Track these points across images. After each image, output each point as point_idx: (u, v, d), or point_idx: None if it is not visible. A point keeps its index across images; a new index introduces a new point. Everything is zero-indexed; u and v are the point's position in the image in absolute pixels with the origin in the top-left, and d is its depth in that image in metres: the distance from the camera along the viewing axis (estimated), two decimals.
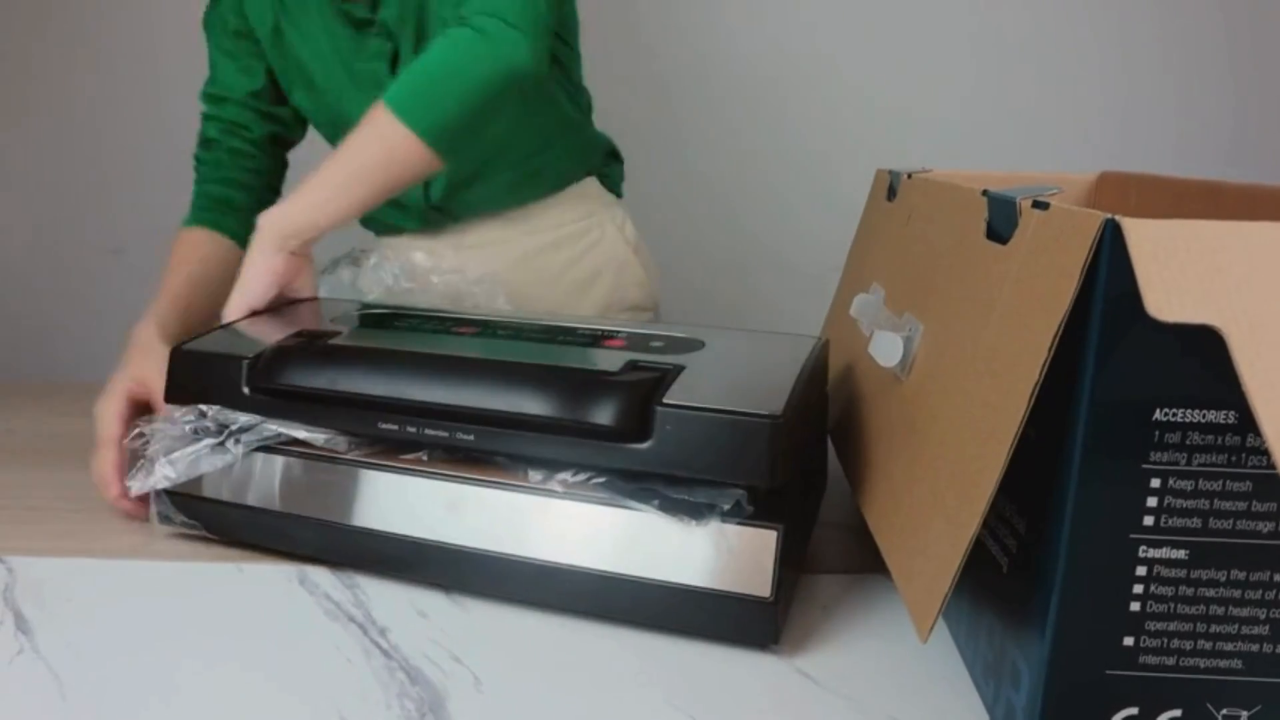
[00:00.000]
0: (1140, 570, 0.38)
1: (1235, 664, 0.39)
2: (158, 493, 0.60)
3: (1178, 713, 0.39)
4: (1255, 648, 0.39)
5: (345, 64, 0.89)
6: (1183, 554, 0.37)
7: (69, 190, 1.45)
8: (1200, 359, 0.35)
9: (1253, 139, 1.45)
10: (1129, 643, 0.38)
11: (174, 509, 0.61)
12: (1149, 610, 0.38)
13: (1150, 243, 0.31)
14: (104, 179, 1.44)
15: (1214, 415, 0.36)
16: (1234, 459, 0.36)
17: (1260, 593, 0.38)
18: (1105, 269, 0.34)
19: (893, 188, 0.70)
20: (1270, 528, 0.37)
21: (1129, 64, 1.43)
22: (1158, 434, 0.36)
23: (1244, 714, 0.39)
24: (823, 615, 0.54)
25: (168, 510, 0.61)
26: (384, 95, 0.74)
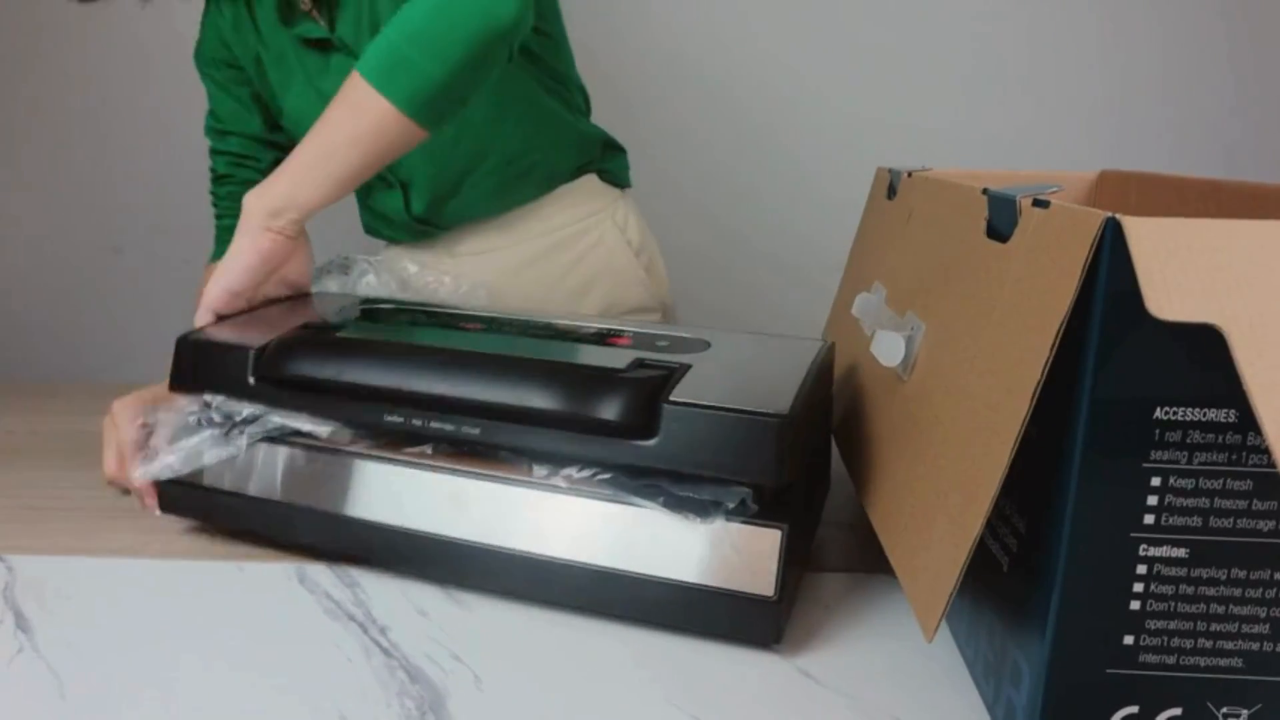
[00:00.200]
0: (1141, 569, 0.38)
1: (1235, 663, 0.39)
2: (160, 482, 0.61)
3: (1178, 711, 0.39)
4: (1255, 646, 0.39)
5: (316, 88, 0.86)
6: (1183, 553, 0.37)
7: (68, 190, 1.45)
8: (1201, 357, 0.35)
9: (1253, 138, 1.45)
10: (1129, 641, 0.38)
11: (176, 498, 0.61)
12: (1149, 609, 0.38)
13: (1151, 241, 0.31)
14: (104, 178, 1.44)
15: (1214, 414, 0.36)
16: (1234, 457, 0.36)
17: (1261, 591, 0.38)
18: (1106, 268, 0.34)
19: (893, 186, 0.70)
20: (1271, 526, 0.37)
21: (1129, 62, 1.43)
22: (1158, 432, 0.36)
23: (1244, 713, 0.39)
24: (824, 614, 0.54)
25: (170, 499, 0.61)
26: (358, 64, 0.68)
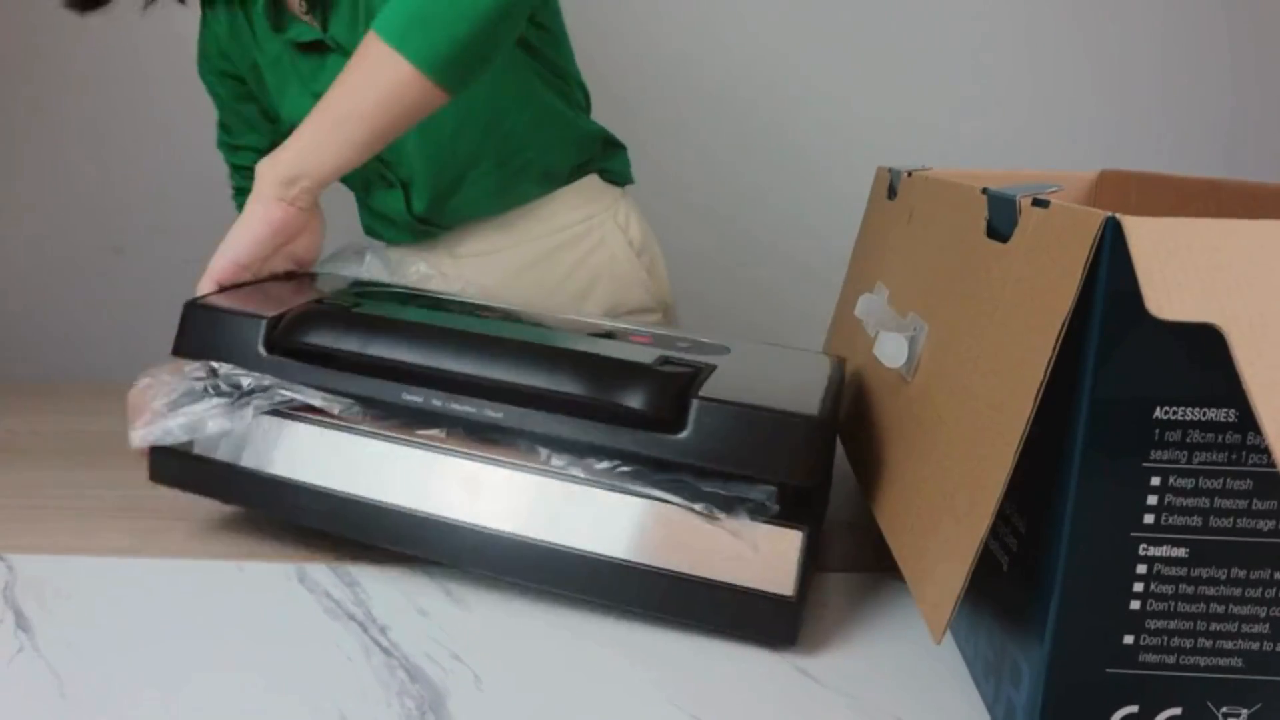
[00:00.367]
0: (1140, 569, 0.38)
1: (1235, 662, 0.39)
2: (154, 449, 0.58)
3: (1178, 711, 0.39)
4: (1255, 646, 0.39)
5: (312, 92, 0.84)
6: (1183, 552, 0.37)
7: (68, 190, 1.45)
8: (1201, 357, 0.35)
9: (1253, 138, 1.45)
10: (1129, 641, 0.38)
11: (172, 466, 0.59)
12: (1149, 609, 0.38)
13: (1151, 241, 0.31)
14: (104, 179, 1.44)
15: (1214, 413, 0.36)
16: (1234, 457, 0.37)
17: (1261, 591, 0.38)
18: (1106, 267, 0.34)
19: (893, 186, 0.70)
20: (1271, 526, 0.37)
21: (1129, 62, 1.43)
22: (1158, 432, 0.36)
23: (1244, 712, 0.39)
24: (824, 613, 0.54)
25: (162, 468, 0.59)
26: (374, 23, 0.65)
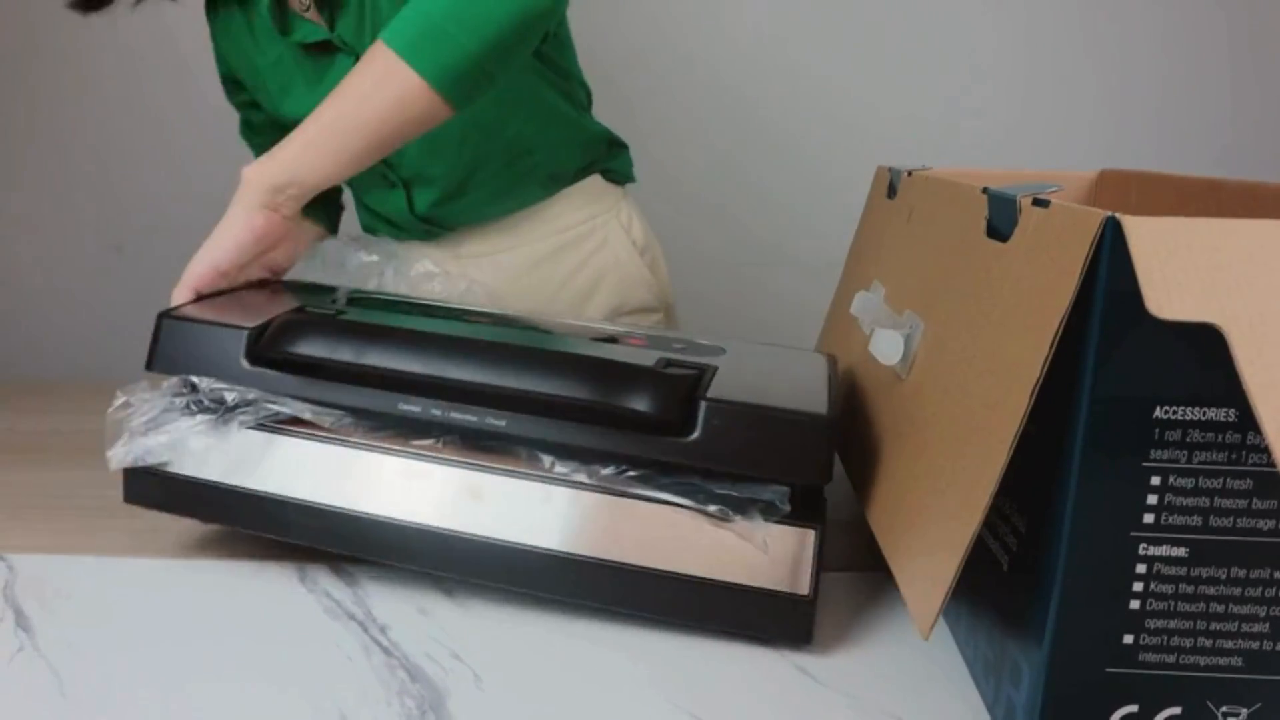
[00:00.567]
0: (1140, 568, 0.38)
1: (1235, 662, 0.39)
2: (127, 470, 0.56)
3: (1177, 710, 0.39)
4: (1255, 645, 0.39)
5: (316, 93, 0.81)
6: (1183, 552, 0.37)
7: (69, 190, 1.45)
8: (1200, 357, 0.35)
9: (1252, 138, 1.45)
10: (1129, 640, 0.38)
11: (145, 487, 0.56)
12: (1149, 608, 0.38)
13: (1151, 241, 0.31)
14: (104, 178, 1.44)
15: (1214, 413, 0.36)
16: (1234, 457, 0.37)
17: (1260, 590, 0.38)
18: (1106, 267, 0.34)
19: (893, 185, 0.70)
20: (1270, 525, 0.37)
21: (1128, 62, 1.43)
22: (1158, 432, 0.36)
23: (1244, 712, 0.39)
24: (824, 613, 0.54)
25: (137, 489, 0.56)
26: (383, 33, 0.64)
